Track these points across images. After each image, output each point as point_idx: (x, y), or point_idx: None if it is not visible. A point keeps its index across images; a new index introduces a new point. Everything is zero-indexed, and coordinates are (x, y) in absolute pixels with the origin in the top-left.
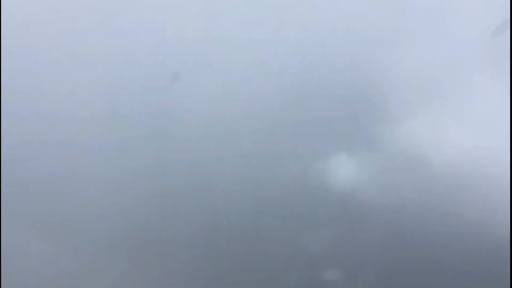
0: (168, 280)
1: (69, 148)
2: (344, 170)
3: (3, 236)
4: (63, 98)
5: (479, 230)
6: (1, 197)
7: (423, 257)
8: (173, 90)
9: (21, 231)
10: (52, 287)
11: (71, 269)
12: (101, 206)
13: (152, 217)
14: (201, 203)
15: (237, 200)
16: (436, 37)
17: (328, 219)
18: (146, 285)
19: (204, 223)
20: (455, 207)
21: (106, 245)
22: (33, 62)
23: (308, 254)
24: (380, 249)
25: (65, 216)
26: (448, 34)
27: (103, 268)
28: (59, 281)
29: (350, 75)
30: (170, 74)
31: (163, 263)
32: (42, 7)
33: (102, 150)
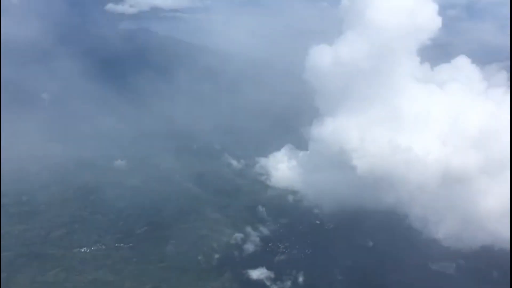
0: None
1: None
2: (277, 169)
3: None
4: None
5: (396, 223)
6: None
7: (353, 252)
8: None
9: None
10: None
11: None
12: None
13: None
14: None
15: (179, 192)
16: (364, 39)
17: (262, 215)
18: None
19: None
20: (377, 202)
21: None
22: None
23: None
24: (311, 247)
25: None
26: (376, 37)
27: None
28: None
29: (282, 77)
30: None
31: None
32: None
33: None
